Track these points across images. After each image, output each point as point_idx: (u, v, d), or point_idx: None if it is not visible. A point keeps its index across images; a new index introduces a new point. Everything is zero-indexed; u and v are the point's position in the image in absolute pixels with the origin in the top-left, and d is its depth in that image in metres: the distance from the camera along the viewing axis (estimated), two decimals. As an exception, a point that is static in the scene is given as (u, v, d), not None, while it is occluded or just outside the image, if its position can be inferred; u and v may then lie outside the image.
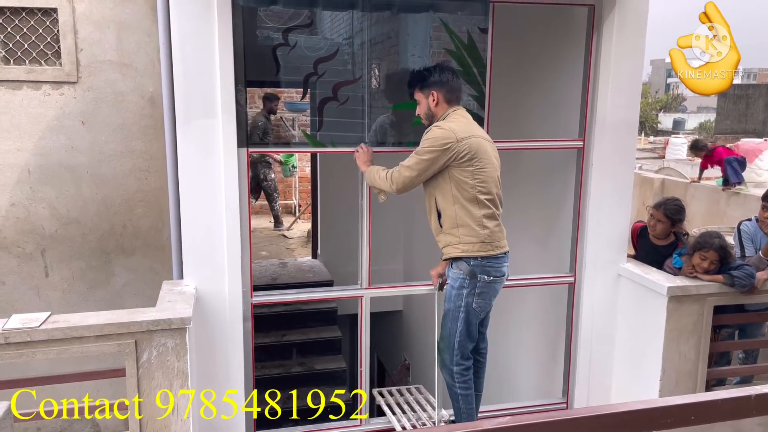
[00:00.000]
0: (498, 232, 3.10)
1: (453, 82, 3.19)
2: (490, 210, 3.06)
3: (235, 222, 3.36)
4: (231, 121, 3.28)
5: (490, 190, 3.07)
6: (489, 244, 3.05)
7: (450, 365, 3.22)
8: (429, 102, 3.16)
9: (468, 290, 3.10)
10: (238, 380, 3.46)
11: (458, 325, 3.15)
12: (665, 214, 3.97)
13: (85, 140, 3.77)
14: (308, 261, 7.44)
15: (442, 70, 3.20)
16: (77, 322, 2.89)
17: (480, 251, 3.05)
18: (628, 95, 3.71)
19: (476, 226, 3.03)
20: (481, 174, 3.03)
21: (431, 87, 3.14)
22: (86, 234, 3.86)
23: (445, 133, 3.00)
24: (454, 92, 3.18)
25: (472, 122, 3.17)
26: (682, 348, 3.67)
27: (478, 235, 3.04)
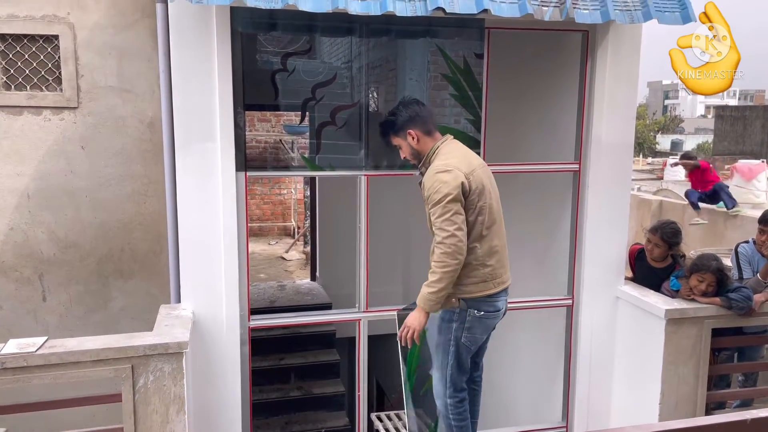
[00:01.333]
0: (499, 268, 2.94)
1: (423, 111, 3.03)
2: (493, 243, 2.91)
3: (233, 245, 3.38)
4: (230, 145, 3.31)
5: (494, 223, 2.92)
6: (489, 282, 2.91)
7: (443, 396, 3.14)
8: (410, 142, 2.98)
9: (457, 324, 2.98)
10: (236, 405, 3.44)
11: (449, 358, 3.04)
12: (662, 237, 3.98)
13: (84, 165, 3.80)
14: (307, 283, 7.43)
15: (407, 106, 3.04)
16: (74, 347, 2.89)
17: (480, 291, 2.91)
18: (623, 118, 3.75)
19: (478, 265, 2.88)
20: (486, 207, 2.86)
21: (405, 127, 2.98)
22: (84, 258, 3.86)
23: (453, 174, 2.78)
24: (429, 121, 3.02)
25: (466, 150, 3.01)
26: (681, 371, 3.65)
27: (478, 275, 2.89)
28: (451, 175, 2.78)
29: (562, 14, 3.10)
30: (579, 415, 4.02)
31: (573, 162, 3.86)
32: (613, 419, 4.00)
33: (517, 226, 4.70)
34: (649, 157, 31.89)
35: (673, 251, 3.99)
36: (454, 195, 2.76)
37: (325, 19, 3.24)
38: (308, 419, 5.92)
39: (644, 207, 9.17)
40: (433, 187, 2.81)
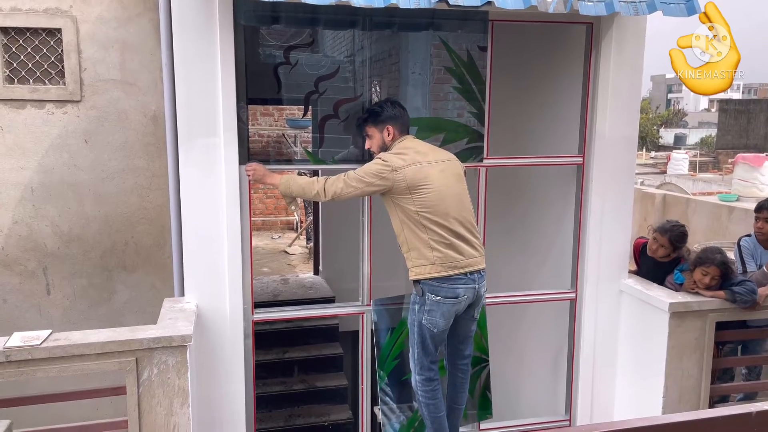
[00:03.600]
0: (452, 254, 3.09)
1: (404, 116, 3.29)
2: (439, 234, 3.07)
3: (236, 239, 3.38)
4: (233, 139, 3.31)
5: (439, 215, 3.07)
6: (440, 265, 3.07)
7: (414, 374, 3.30)
8: (384, 136, 3.24)
9: (419, 306, 3.17)
10: (239, 397, 3.45)
11: (414, 338, 3.23)
12: (670, 240, 3.92)
13: (87, 158, 3.80)
14: (310, 277, 7.43)
15: (394, 105, 3.28)
16: (78, 340, 2.90)
17: (430, 273, 3.08)
18: (627, 111, 3.74)
19: (425, 248, 3.08)
20: (422, 200, 3.06)
21: (386, 122, 3.22)
22: (88, 251, 3.87)
23: (383, 164, 3.08)
24: (406, 124, 3.29)
25: (418, 148, 3.18)
26: (685, 364, 3.65)
27: (427, 258, 3.08)
28: (381, 164, 3.08)
29: (566, 6, 3.08)
30: (582, 408, 4.01)
31: (577, 155, 3.84)
32: (617, 413, 4.00)
33: (520, 220, 4.72)
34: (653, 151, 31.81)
35: (677, 253, 3.97)
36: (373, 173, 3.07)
37: (328, 12, 3.23)
38: (312, 412, 5.93)
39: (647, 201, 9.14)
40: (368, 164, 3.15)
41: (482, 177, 3.69)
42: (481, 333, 3.74)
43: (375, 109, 3.28)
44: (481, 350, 3.80)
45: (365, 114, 3.33)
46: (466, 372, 3.46)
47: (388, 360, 3.67)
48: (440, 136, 3.64)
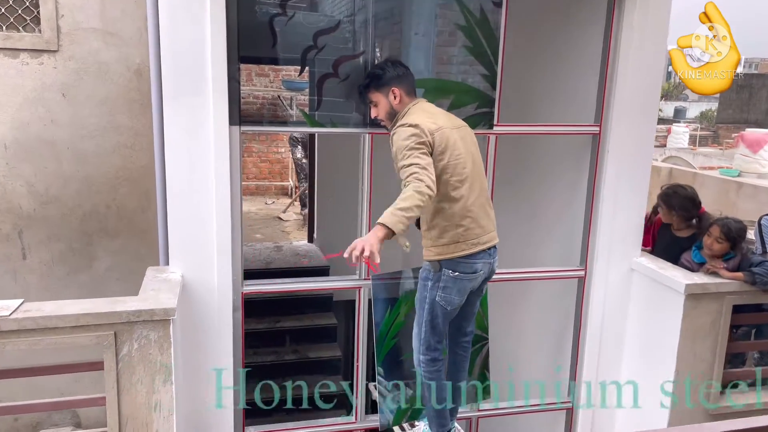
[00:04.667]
0: (475, 228, 2.87)
1: (409, 75, 2.99)
2: (466, 207, 2.83)
3: (225, 205, 3.13)
4: (223, 98, 3.03)
5: (467, 184, 2.83)
6: (462, 243, 2.85)
7: (417, 353, 3.09)
8: (390, 100, 2.93)
9: (432, 282, 2.94)
10: (228, 372, 3.24)
11: (423, 316, 3.01)
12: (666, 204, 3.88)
13: (65, 114, 3.52)
14: (304, 245, 7.22)
15: (396, 65, 2.99)
16: (51, 312, 2.66)
17: (453, 252, 2.85)
18: (649, 78, 3.47)
19: (449, 226, 2.83)
20: (452, 168, 2.79)
21: (390, 84, 2.92)
22: (66, 214, 3.62)
23: (414, 129, 2.74)
24: (412, 84, 2.99)
25: (437, 113, 2.93)
26: (698, 348, 3.47)
27: (449, 236, 2.84)
28: (411, 129, 2.74)
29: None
30: (586, 391, 3.84)
31: (593, 124, 3.59)
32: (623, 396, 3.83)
33: (529, 189, 4.47)
34: (653, 124, 31.40)
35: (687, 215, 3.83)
36: (418, 140, 2.69)
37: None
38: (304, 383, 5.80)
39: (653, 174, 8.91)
40: (399, 137, 2.74)
41: (492, 145, 3.44)
42: (481, 310, 3.55)
43: (375, 72, 2.99)
44: (482, 328, 3.61)
45: (366, 79, 3.04)
46: (467, 350, 3.30)
47: (387, 339, 3.47)
48: (447, 100, 3.37)
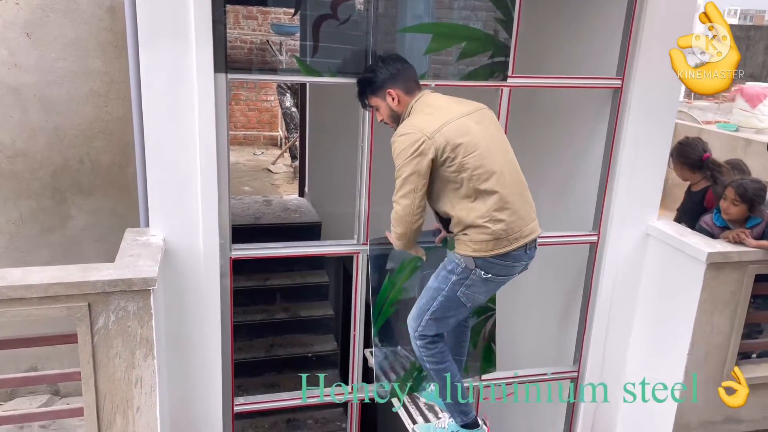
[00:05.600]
0: (516, 221, 2.58)
1: (405, 69, 2.70)
2: (500, 199, 2.53)
3: (211, 161, 2.82)
4: (206, 42, 2.69)
5: (493, 175, 2.53)
6: (504, 239, 2.57)
7: (413, 335, 2.84)
8: (389, 103, 2.68)
9: (458, 278, 2.65)
10: (215, 345, 3.01)
11: (433, 305, 2.73)
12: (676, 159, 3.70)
13: (30, 56, 3.15)
14: (295, 199, 6.95)
15: (388, 63, 2.69)
16: (17, 281, 2.38)
17: (493, 249, 2.57)
18: (681, 26, 3.14)
19: (486, 223, 2.54)
20: (471, 162, 2.50)
21: (384, 86, 2.67)
22: (36, 169, 3.29)
23: (411, 137, 2.51)
24: (411, 80, 2.70)
25: (442, 105, 2.63)
26: (716, 320, 3.28)
27: (489, 233, 2.55)
28: (410, 137, 2.52)
29: None
30: (593, 360, 3.67)
31: (615, 77, 3.28)
32: (629, 367, 3.67)
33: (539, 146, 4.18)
34: (648, 77, 31.00)
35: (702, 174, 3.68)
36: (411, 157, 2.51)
37: None
38: (294, 342, 5.65)
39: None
40: (394, 151, 2.58)
41: (505, 98, 3.13)
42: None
43: (366, 77, 2.72)
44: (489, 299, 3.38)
45: (359, 85, 2.77)
46: (470, 320, 3.10)
47: (385, 306, 3.24)
48: (457, 49, 3.05)
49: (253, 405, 3.34)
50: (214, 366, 3.02)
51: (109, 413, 2.59)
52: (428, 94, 2.70)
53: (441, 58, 3.15)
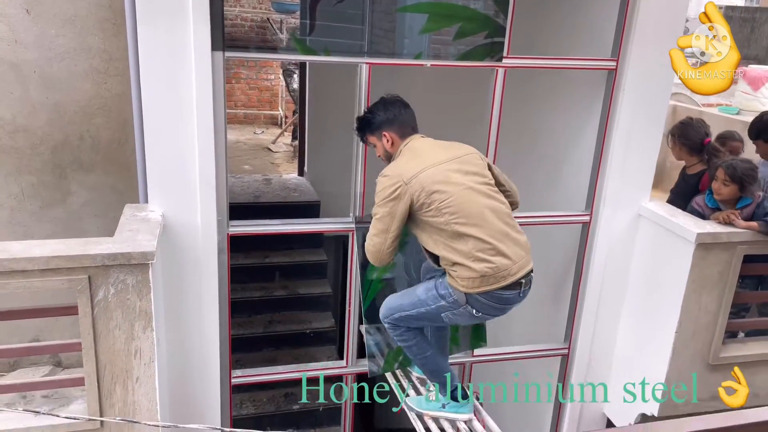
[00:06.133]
0: (502, 260, 2.61)
1: (403, 114, 2.80)
2: (482, 240, 2.57)
3: (208, 139, 2.88)
4: (204, 19, 2.73)
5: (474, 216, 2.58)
6: (492, 277, 2.60)
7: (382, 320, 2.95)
8: (384, 144, 2.80)
9: (446, 304, 2.72)
10: (213, 319, 3.08)
11: (412, 312, 2.81)
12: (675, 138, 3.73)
13: (30, 33, 3.17)
14: (294, 178, 6.98)
15: (387, 106, 2.80)
16: (18, 253, 2.45)
17: (481, 286, 2.62)
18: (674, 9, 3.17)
19: (471, 261, 2.59)
20: (449, 206, 2.57)
21: (381, 128, 2.78)
22: (36, 145, 3.33)
23: (390, 180, 2.63)
24: (407, 125, 2.81)
25: (426, 150, 2.71)
26: (704, 299, 3.34)
27: (476, 271, 2.59)
28: (388, 180, 2.65)
29: None
30: (583, 337, 3.75)
31: (610, 59, 3.31)
32: (620, 345, 3.75)
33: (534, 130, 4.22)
34: (652, 58, 30.75)
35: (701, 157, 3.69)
36: (386, 200, 2.63)
37: None
38: (293, 319, 5.71)
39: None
40: (376, 190, 2.70)
41: (500, 79, 3.16)
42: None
43: (366, 117, 2.84)
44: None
45: (358, 122, 2.89)
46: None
47: (373, 282, 3.29)
48: (453, 29, 3.07)
49: (250, 378, 3.43)
50: (212, 339, 3.09)
51: (109, 383, 2.67)
52: (417, 138, 2.78)
53: (438, 38, 3.18)
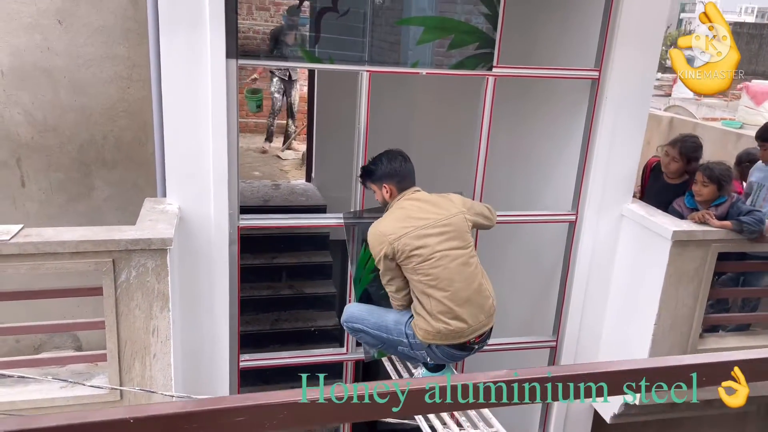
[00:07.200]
0: (459, 325, 2.84)
1: (403, 168, 3.04)
2: (443, 304, 2.82)
3: (222, 139, 3.15)
4: (219, 29, 3.01)
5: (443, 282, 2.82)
6: (445, 335, 2.87)
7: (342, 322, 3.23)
8: (383, 193, 3.05)
9: (405, 341, 2.98)
10: (223, 304, 3.35)
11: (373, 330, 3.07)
12: (681, 151, 3.79)
13: (62, 41, 3.48)
14: (302, 184, 7.26)
15: (390, 159, 3.04)
16: (51, 238, 2.73)
17: (434, 339, 2.88)
18: (651, 27, 3.43)
19: (430, 318, 2.86)
20: (423, 269, 2.83)
21: (383, 180, 3.03)
22: (64, 143, 3.64)
23: (377, 239, 2.89)
24: (407, 179, 3.05)
25: (413, 210, 2.93)
26: (681, 293, 3.57)
27: (432, 326, 2.86)
28: (375, 238, 2.90)
29: None
30: (570, 330, 3.97)
31: (593, 69, 3.57)
32: (605, 337, 3.97)
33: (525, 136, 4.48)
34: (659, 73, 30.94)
35: (690, 167, 3.81)
36: (378, 256, 2.89)
37: None
38: (298, 317, 5.94)
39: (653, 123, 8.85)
40: (369, 242, 2.96)
41: (490, 87, 3.43)
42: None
43: (369, 168, 3.09)
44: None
45: (361, 170, 3.17)
46: None
47: (364, 273, 3.54)
48: (447, 40, 3.34)
49: (257, 362, 3.68)
50: (222, 322, 3.36)
51: (129, 358, 2.93)
52: (409, 195, 3.00)
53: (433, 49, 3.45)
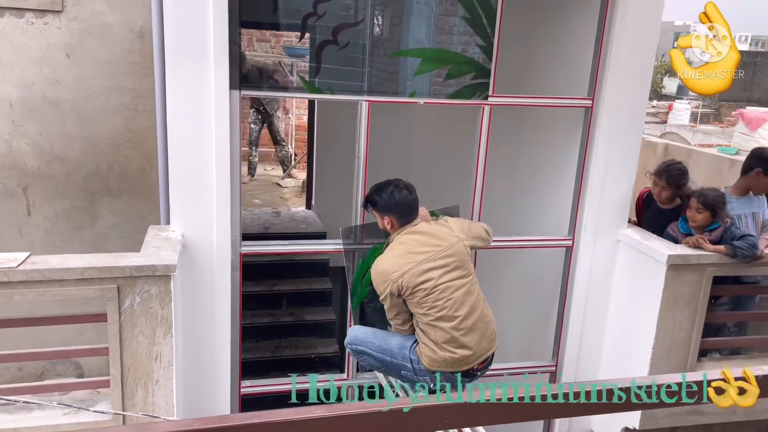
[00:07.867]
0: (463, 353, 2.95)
1: (407, 200, 3.07)
2: (448, 333, 2.92)
3: (224, 168, 3.23)
4: (223, 62, 3.11)
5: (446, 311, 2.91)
6: (451, 363, 2.97)
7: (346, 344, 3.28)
8: (384, 223, 3.12)
9: (410, 366, 3.04)
10: (225, 329, 3.39)
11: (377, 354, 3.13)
12: (668, 181, 3.87)
13: (69, 74, 3.59)
14: (302, 211, 7.33)
15: (393, 192, 3.06)
16: (57, 265, 2.78)
17: (440, 367, 2.98)
18: (642, 55, 3.54)
19: (436, 347, 2.95)
20: (426, 302, 2.92)
21: (385, 213, 3.09)
22: (70, 173, 3.71)
23: (381, 277, 2.97)
24: (409, 214, 3.08)
25: (414, 245, 2.99)
26: (678, 317, 3.61)
27: (438, 354, 2.96)
28: (378, 276, 2.98)
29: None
30: (569, 355, 4.00)
31: (586, 98, 3.67)
32: (604, 361, 4.00)
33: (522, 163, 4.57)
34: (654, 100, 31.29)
35: (681, 192, 3.89)
36: (381, 292, 2.98)
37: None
38: (299, 345, 5.94)
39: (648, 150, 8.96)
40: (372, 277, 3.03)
41: (486, 116, 3.52)
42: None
43: (373, 198, 3.13)
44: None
45: (365, 199, 3.22)
46: None
47: (361, 286, 3.58)
48: (444, 70, 3.45)
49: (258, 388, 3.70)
50: (223, 348, 3.39)
51: (132, 384, 2.96)
52: (410, 229, 3.05)
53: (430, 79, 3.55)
